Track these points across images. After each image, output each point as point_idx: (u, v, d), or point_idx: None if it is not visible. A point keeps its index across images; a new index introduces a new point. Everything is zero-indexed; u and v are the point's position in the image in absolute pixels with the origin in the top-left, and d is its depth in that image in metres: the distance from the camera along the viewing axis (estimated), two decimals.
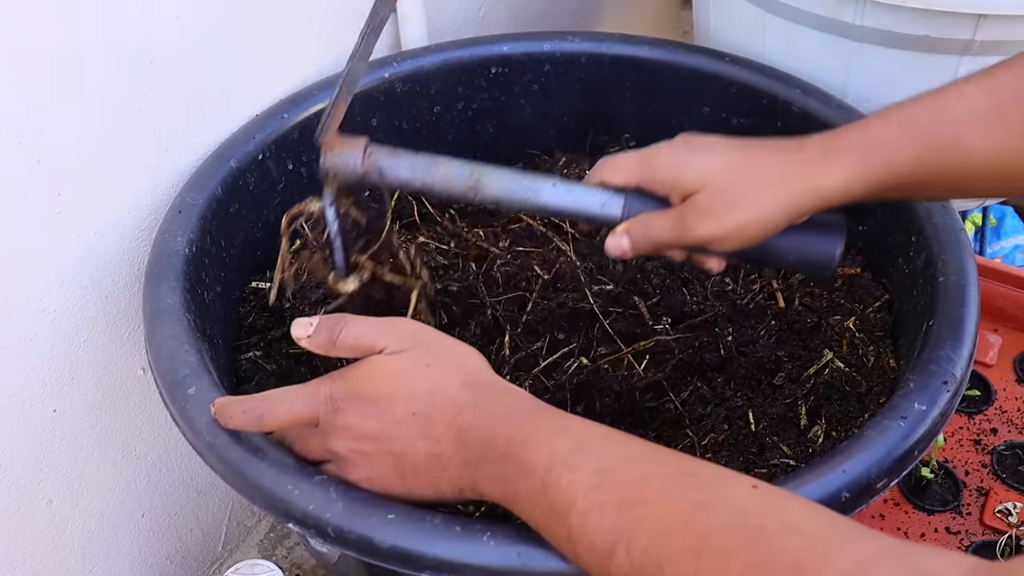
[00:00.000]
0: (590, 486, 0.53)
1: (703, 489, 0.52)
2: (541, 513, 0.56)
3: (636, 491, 0.53)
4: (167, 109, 0.88)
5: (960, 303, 0.76)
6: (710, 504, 0.51)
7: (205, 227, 0.84)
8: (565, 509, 0.54)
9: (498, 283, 0.89)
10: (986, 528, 0.99)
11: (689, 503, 0.51)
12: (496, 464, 0.58)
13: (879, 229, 0.92)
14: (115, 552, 1.02)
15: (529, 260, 0.91)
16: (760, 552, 0.48)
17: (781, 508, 0.51)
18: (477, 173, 0.72)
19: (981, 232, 1.49)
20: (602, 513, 0.52)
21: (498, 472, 0.57)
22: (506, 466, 0.57)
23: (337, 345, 0.63)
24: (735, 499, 0.51)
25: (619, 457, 0.56)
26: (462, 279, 0.89)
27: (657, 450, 0.57)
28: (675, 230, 0.69)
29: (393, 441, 0.60)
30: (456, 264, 0.93)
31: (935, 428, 0.67)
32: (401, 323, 0.65)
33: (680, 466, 0.55)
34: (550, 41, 1.07)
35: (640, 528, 0.51)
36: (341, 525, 0.59)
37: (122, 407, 0.96)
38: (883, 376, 0.83)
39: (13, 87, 0.74)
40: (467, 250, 0.94)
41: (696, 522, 0.50)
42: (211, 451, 0.65)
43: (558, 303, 0.88)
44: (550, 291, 0.90)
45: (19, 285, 0.81)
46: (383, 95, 1.02)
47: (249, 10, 0.93)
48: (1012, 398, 1.11)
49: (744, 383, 0.84)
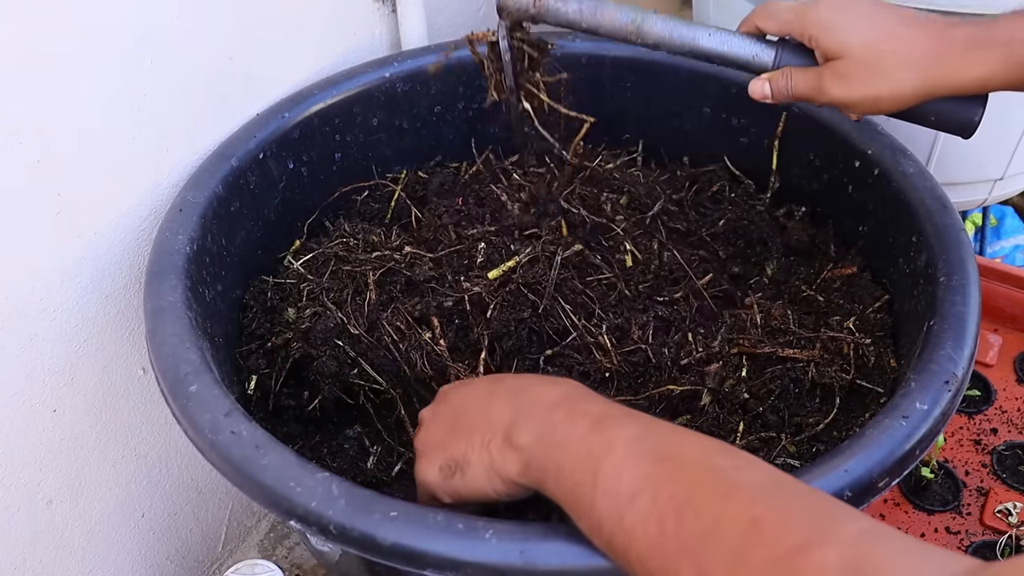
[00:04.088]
0: (632, 437, 0.56)
1: (738, 457, 0.55)
2: (573, 456, 0.57)
3: (674, 451, 0.55)
4: (167, 109, 0.88)
5: (961, 303, 0.76)
6: (742, 468, 0.53)
7: (206, 225, 0.84)
8: (601, 454, 0.55)
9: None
10: (986, 528, 0.99)
11: (723, 464, 0.54)
12: (542, 411, 0.60)
13: (879, 229, 0.93)
14: (115, 552, 1.02)
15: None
16: (785, 501, 0.49)
17: (809, 487, 0.53)
18: (639, 19, 0.78)
19: (981, 232, 1.49)
20: (637, 462, 0.54)
21: (542, 416, 0.60)
22: (556, 411, 0.60)
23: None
24: (767, 468, 0.54)
25: (663, 427, 0.58)
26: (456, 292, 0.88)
27: (696, 432, 0.60)
28: (812, 90, 0.77)
29: (463, 406, 0.66)
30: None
31: (936, 427, 0.67)
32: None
33: (717, 442, 0.57)
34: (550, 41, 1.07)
35: (670, 478, 0.53)
36: (343, 522, 0.59)
37: (122, 407, 0.96)
38: (884, 376, 0.83)
39: (13, 87, 0.74)
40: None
41: (728, 477, 0.52)
42: (213, 449, 0.65)
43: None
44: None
45: (19, 285, 0.81)
46: (383, 95, 1.02)
47: (249, 10, 0.93)
48: (1012, 398, 1.12)
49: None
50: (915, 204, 0.86)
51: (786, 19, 0.78)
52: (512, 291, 0.86)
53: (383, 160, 1.06)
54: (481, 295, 0.85)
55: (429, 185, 1.03)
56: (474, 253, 0.91)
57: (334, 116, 0.99)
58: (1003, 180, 1.16)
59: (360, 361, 0.82)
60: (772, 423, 0.81)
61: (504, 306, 0.85)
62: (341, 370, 0.82)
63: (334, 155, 1.01)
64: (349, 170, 1.03)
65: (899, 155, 0.91)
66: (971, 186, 1.17)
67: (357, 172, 1.04)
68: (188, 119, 0.91)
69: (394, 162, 1.07)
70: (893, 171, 0.90)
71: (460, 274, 0.89)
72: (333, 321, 0.83)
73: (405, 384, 0.82)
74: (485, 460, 0.62)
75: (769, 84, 0.80)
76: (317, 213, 1.01)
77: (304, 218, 1.00)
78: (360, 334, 0.83)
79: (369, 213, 1.02)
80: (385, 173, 1.06)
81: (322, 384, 0.82)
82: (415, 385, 0.82)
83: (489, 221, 0.95)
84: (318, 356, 0.82)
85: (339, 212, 1.03)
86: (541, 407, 0.61)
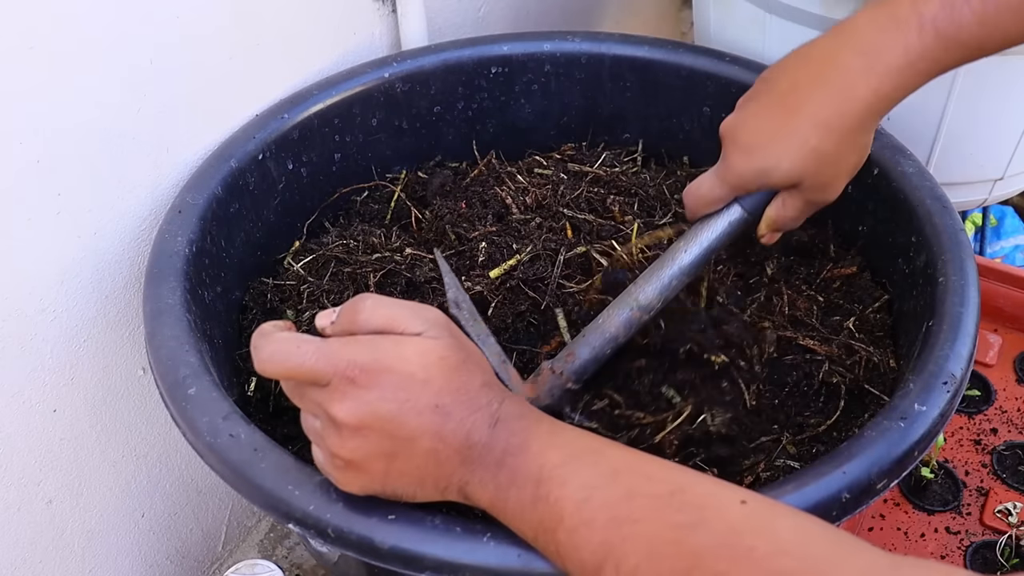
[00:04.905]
0: (578, 501, 0.53)
1: (691, 508, 0.52)
2: (530, 526, 0.55)
3: (624, 509, 0.52)
4: (167, 109, 0.88)
5: (960, 303, 0.76)
6: (698, 525, 0.50)
7: (205, 227, 0.84)
8: (553, 526, 0.54)
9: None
10: (986, 528, 0.99)
11: (677, 523, 0.51)
12: (491, 469, 0.56)
13: (879, 229, 0.92)
14: (115, 552, 1.02)
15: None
16: (747, 570, 0.48)
17: (771, 527, 0.50)
18: (633, 302, 0.76)
19: (981, 232, 1.49)
20: (591, 530, 0.52)
21: (491, 478, 0.57)
22: (500, 473, 0.56)
23: (362, 324, 0.58)
24: (724, 518, 0.51)
25: (608, 471, 0.55)
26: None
27: (645, 462, 0.56)
28: (812, 207, 0.77)
29: (402, 428, 0.56)
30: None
31: (935, 428, 0.67)
32: (430, 309, 0.60)
33: (668, 483, 0.54)
34: (550, 41, 1.07)
35: (628, 547, 0.51)
36: (341, 526, 0.59)
37: (122, 407, 0.96)
38: (883, 376, 0.83)
39: (13, 87, 0.74)
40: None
41: (685, 543, 0.50)
42: (211, 452, 0.65)
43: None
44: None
45: (19, 285, 0.81)
46: (383, 95, 1.02)
47: (249, 10, 0.93)
48: (1012, 398, 1.11)
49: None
50: (915, 204, 0.86)
51: (723, 194, 0.77)
52: (512, 288, 0.86)
53: (383, 160, 1.06)
54: (483, 293, 0.85)
55: (429, 185, 1.02)
56: (476, 252, 0.91)
57: (334, 116, 0.99)
58: (1003, 180, 1.16)
59: None
60: (780, 420, 0.80)
61: (503, 303, 0.85)
62: None
63: (334, 156, 1.01)
64: (349, 171, 1.03)
65: (899, 155, 0.91)
66: (971, 186, 1.17)
67: (357, 173, 1.04)
68: (188, 119, 0.91)
69: (394, 162, 1.07)
70: (892, 171, 0.90)
71: (461, 274, 0.89)
72: None
73: None
74: (438, 496, 0.59)
75: (775, 232, 0.81)
76: (317, 214, 1.01)
77: (304, 219, 1.00)
78: None
79: (369, 214, 1.02)
80: (385, 174, 1.06)
81: None
82: None
83: (491, 221, 0.95)
84: None
85: (339, 213, 1.03)
86: (486, 466, 0.57)
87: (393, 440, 0.56)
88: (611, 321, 0.76)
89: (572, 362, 0.76)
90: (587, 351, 0.76)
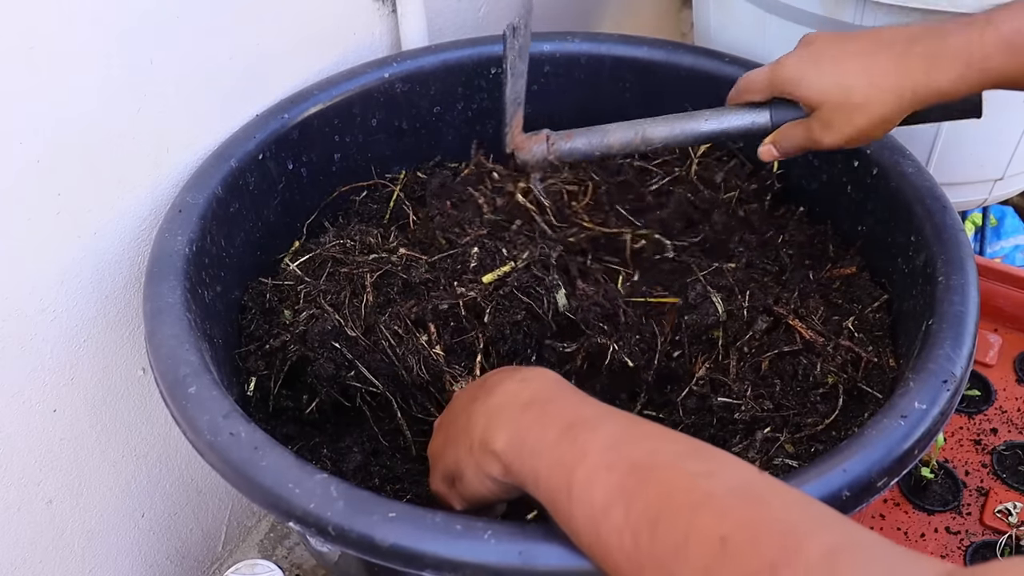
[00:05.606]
0: (604, 446, 0.55)
1: (710, 460, 0.55)
2: (546, 463, 0.57)
3: (646, 458, 0.55)
4: (167, 109, 0.88)
5: (960, 302, 0.76)
6: (715, 473, 0.53)
7: (205, 226, 0.84)
8: (574, 463, 0.55)
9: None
10: (986, 528, 0.99)
11: (695, 470, 0.53)
12: (517, 411, 0.60)
13: (879, 229, 0.93)
14: (115, 552, 1.02)
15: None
16: (755, 515, 0.49)
17: (783, 490, 0.52)
18: (641, 129, 0.85)
19: (981, 232, 1.49)
20: (610, 472, 0.54)
21: (513, 420, 0.60)
22: (526, 414, 0.60)
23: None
24: (740, 473, 0.53)
25: (636, 430, 0.58)
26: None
27: (672, 431, 0.59)
28: (808, 141, 0.82)
29: (453, 412, 0.67)
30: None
31: (935, 427, 0.67)
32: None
33: (691, 444, 0.57)
34: (550, 41, 1.07)
35: (643, 489, 0.52)
36: (342, 524, 0.59)
37: (122, 407, 0.96)
38: (883, 376, 0.83)
39: (13, 87, 0.74)
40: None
41: (699, 486, 0.52)
42: (212, 450, 0.65)
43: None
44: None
45: (19, 285, 0.81)
46: (383, 95, 1.02)
47: (249, 10, 0.93)
48: (1012, 398, 1.11)
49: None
50: (914, 204, 0.86)
51: (763, 86, 0.83)
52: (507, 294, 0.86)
53: (382, 161, 1.06)
54: (476, 299, 0.85)
55: (428, 186, 1.02)
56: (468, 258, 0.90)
57: (333, 116, 0.99)
58: (1003, 180, 1.16)
59: (357, 364, 0.82)
60: (776, 420, 0.80)
61: (499, 310, 0.85)
62: (338, 373, 0.82)
63: (333, 155, 1.01)
64: (348, 170, 1.03)
65: (898, 155, 0.91)
66: (971, 186, 1.17)
67: (356, 172, 1.04)
68: (188, 119, 0.91)
69: (393, 163, 1.07)
70: (892, 171, 0.90)
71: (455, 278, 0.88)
72: (330, 323, 0.83)
73: (402, 388, 0.82)
74: (472, 465, 0.62)
75: (773, 146, 0.84)
76: (316, 214, 1.01)
77: (303, 219, 1.00)
78: (357, 336, 0.83)
79: (367, 213, 1.02)
80: (384, 173, 1.06)
81: (319, 387, 0.82)
82: (412, 389, 0.82)
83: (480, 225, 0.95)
84: (315, 359, 0.82)
85: (338, 213, 1.03)
86: (511, 409, 0.61)
87: (448, 416, 0.69)
88: (614, 133, 0.85)
89: (566, 142, 0.86)
90: (582, 141, 0.85)
